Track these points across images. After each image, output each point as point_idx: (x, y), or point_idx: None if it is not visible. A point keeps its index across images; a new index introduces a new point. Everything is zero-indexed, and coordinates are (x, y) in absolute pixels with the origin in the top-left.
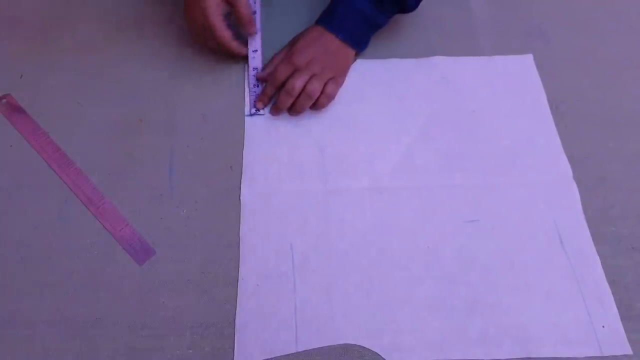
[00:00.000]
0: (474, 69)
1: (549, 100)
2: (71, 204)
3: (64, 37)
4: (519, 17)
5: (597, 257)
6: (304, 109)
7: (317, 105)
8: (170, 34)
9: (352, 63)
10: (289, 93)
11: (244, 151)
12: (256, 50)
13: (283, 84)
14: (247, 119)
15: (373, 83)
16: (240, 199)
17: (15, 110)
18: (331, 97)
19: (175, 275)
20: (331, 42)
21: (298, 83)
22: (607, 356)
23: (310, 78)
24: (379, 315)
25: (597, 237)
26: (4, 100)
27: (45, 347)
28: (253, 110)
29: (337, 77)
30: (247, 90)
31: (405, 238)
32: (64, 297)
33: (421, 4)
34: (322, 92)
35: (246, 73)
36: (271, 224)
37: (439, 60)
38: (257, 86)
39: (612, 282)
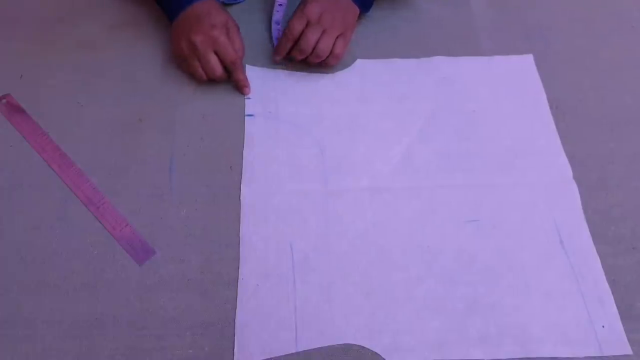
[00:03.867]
0: (474, 69)
1: (549, 100)
2: (71, 204)
3: (64, 37)
4: (519, 17)
5: (597, 257)
6: (314, 63)
7: (325, 64)
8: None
9: (356, 21)
10: (303, 51)
11: (244, 151)
12: (281, 5)
13: (298, 38)
14: (247, 119)
15: (373, 83)
16: (240, 199)
17: (15, 110)
18: (339, 58)
19: (175, 275)
20: None
21: (311, 40)
22: (607, 356)
23: (322, 34)
24: (379, 315)
25: (597, 237)
26: (4, 100)
27: (45, 347)
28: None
29: (346, 32)
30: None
31: (405, 238)
32: (64, 297)
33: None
34: (330, 53)
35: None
36: (271, 224)
37: (439, 60)
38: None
39: (612, 282)
